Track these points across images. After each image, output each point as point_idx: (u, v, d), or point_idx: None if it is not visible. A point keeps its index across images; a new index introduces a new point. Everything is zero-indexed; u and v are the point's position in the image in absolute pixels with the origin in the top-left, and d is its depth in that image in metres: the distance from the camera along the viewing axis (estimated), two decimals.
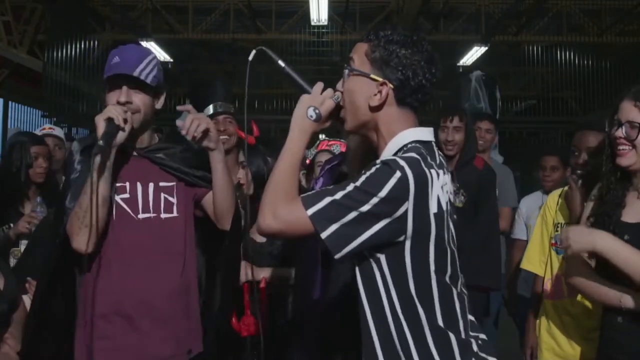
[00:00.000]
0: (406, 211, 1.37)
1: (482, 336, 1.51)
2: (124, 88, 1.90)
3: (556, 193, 2.61)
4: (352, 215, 1.36)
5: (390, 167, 1.37)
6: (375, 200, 1.35)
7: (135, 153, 1.99)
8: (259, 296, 2.56)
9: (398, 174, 1.36)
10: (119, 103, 1.88)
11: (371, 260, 1.43)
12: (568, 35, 10.39)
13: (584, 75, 11.53)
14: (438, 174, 1.43)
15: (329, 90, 1.56)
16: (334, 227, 1.37)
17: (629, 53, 10.97)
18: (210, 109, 3.32)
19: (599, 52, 11.30)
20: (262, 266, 2.64)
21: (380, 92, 1.49)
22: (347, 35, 10.53)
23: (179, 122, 1.94)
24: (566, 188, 2.54)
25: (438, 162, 1.47)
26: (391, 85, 1.49)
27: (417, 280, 1.41)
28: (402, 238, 1.39)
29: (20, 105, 12.30)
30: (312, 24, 9.15)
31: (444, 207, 1.43)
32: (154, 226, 1.95)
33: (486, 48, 9.88)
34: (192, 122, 1.92)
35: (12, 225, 3.00)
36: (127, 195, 1.96)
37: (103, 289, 1.89)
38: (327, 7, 8.39)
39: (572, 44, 10.90)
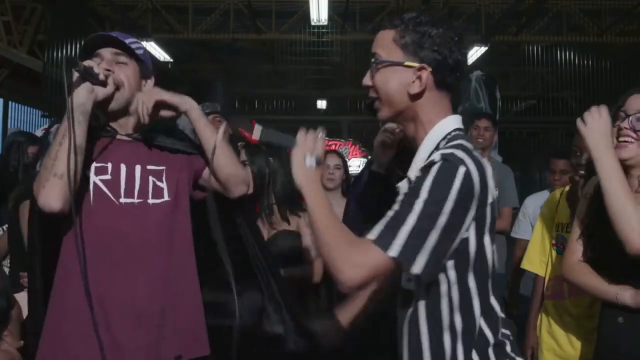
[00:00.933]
0: (473, 205, 1.31)
1: (509, 332, 1.46)
2: (107, 55, 1.72)
3: (557, 193, 2.60)
4: (435, 235, 1.26)
5: (451, 163, 1.29)
6: (449, 206, 1.26)
7: (118, 137, 1.76)
8: None
9: (462, 169, 1.28)
10: None
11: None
12: (568, 35, 10.38)
13: (584, 75, 11.52)
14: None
15: (312, 134, 1.50)
16: (424, 258, 1.26)
17: (629, 53, 10.96)
18: None
19: (599, 52, 11.29)
20: None
21: (419, 77, 1.40)
22: (347, 35, 10.53)
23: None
24: (567, 188, 2.54)
25: None
26: (430, 69, 1.40)
27: (477, 276, 1.35)
28: (466, 235, 1.33)
29: (20, 105, 12.30)
30: (312, 24, 9.14)
31: (493, 195, 1.38)
32: (138, 213, 1.70)
33: (486, 48, 9.88)
34: (141, 105, 1.70)
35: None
36: (107, 177, 1.70)
37: (74, 284, 1.62)
38: (327, 7, 8.39)
39: (572, 44, 10.89)
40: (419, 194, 1.28)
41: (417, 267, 1.26)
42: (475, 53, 10.16)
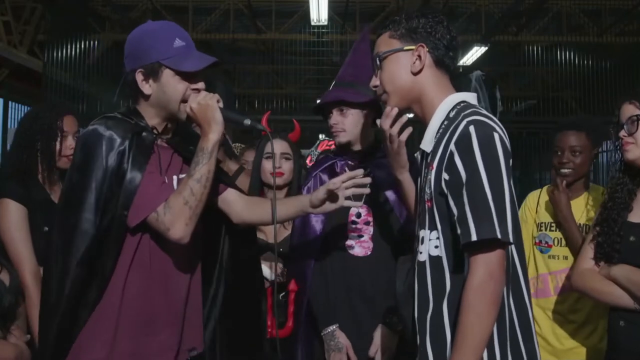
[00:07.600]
0: (510, 161, 1.46)
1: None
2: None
3: (535, 193, 2.66)
4: (507, 199, 1.38)
5: (484, 133, 1.41)
6: (503, 169, 1.39)
7: (164, 143, 1.84)
8: (287, 298, 2.49)
9: (496, 135, 1.42)
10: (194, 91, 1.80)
11: None
12: (568, 35, 10.39)
13: (584, 75, 11.51)
14: None
15: None
16: (510, 225, 1.37)
17: (629, 53, 10.96)
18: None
19: (599, 52, 11.29)
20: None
21: (419, 56, 1.55)
22: (347, 35, 10.53)
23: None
24: (547, 187, 2.61)
25: None
26: (427, 48, 1.55)
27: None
28: None
29: (20, 105, 12.30)
30: (312, 24, 9.15)
31: None
32: None
33: (486, 48, 9.88)
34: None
35: None
36: None
37: (128, 292, 1.75)
38: (327, 7, 8.40)
39: (572, 44, 10.90)
40: (479, 175, 1.37)
41: (512, 236, 1.37)
42: (475, 53, 10.17)
